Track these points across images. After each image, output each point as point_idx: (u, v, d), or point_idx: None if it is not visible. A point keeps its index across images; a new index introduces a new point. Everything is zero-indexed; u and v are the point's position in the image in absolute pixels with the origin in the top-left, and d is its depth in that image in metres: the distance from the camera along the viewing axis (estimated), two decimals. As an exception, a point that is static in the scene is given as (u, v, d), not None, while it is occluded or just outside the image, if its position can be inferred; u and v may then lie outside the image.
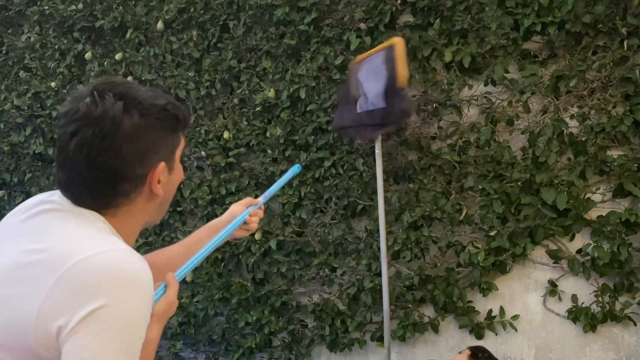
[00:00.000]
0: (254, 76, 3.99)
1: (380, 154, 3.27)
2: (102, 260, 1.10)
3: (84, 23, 4.56)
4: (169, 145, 1.27)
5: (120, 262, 1.11)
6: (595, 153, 3.17)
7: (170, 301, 1.21)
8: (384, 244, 3.29)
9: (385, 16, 3.57)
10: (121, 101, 1.19)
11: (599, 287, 3.21)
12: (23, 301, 1.10)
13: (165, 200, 1.33)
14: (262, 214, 1.79)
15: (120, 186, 1.22)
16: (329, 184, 3.76)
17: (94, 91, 1.19)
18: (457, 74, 3.43)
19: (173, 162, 1.30)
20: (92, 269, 1.09)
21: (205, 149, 4.16)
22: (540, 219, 3.26)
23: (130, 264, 1.12)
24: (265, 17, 3.92)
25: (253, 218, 1.73)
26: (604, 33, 3.16)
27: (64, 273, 1.09)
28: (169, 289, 1.23)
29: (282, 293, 3.97)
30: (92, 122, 1.17)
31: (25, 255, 1.16)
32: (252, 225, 1.74)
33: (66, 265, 1.10)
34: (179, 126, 1.29)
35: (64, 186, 1.24)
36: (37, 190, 4.77)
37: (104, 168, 1.18)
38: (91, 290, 1.07)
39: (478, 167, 3.38)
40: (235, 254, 4.10)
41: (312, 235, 3.87)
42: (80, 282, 1.08)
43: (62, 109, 1.22)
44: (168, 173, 1.29)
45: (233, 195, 4.04)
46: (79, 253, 1.10)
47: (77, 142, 1.17)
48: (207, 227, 1.72)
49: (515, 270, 3.44)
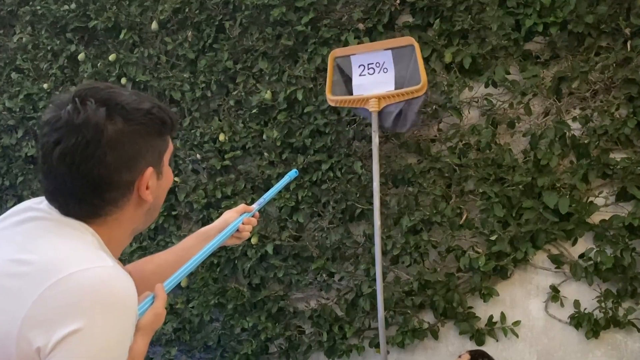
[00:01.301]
0: (250, 77, 3.99)
1: (377, 155, 3.26)
2: (86, 278, 1.09)
3: (77, 23, 4.55)
4: (155, 150, 1.26)
5: (103, 281, 1.10)
6: (598, 156, 3.16)
7: (158, 313, 1.20)
8: (379, 247, 3.26)
9: (384, 16, 3.56)
10: (104, 107, 1.17)
11: (602, 292, 3.20)
12: (6, 314, 1.09)
13: (155, 206, 1.31)
14: (256, 221, 1.77)
15: (107, 194, 1.21)
16: (327, 188, 3.75)
17: (76, 98, 1.18)
18: (457, 75, 3.42)
19: (161, 167, 1.29)
20: (75, 287, 1.08)
21: (201, 151, 4.15)
22: (542, 223, 3.25)
23: (114, 282, 1.11)
24: (262, 17, 3.91)
25: (246, 226, 1.72)
26: (607, 33, 3.15)
27: (47, 289, 1.08)
28: (156, 300, 1.21)
29: (279, 298, 3.97)
30: (74, 130, 1.16)
31: (11, 265, 1.15)
32: (245, 234, 1.72)
33: (51, 281, 1.08)
34: (165, 130, 1.27)
35: (50, 196, 1.23)
36: (29, 194, 4.76)
37: (89, 176, 1.17)
38: (72, 309, 1.06)
39: (478, 170, 3.37)
40: (231, 258, 4.09)
41: (310, 239, 3.86)
42: (62, 300, 1.07)
43: (44, 116, 1.21)
44: (157, 178, 1.27)
45: (229, 198, 4.04)
46: (64, 269, 1.09)
47: (61, 151, 1.16)
48: (198, 234, 1.71)
49: (517, 276, 3.43)
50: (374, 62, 3.29)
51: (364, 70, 3.31)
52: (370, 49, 3.30)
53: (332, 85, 3.39)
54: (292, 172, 1.94)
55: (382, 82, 3.25)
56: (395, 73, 3.24)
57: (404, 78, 3.22)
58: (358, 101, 3.30)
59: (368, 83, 3.29)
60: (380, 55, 3.26)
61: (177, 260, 1.54)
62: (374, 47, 3.30)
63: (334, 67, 3.39)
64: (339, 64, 3.38)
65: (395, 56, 3.24)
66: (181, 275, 1.36)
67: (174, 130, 1.29)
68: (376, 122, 3.25)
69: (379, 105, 3.23)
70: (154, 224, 4.26)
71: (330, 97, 3.39)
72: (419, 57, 3.16)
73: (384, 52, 3.26)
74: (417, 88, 3.16)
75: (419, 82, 3.16)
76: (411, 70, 3.20)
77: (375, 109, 3.24)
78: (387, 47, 3.26)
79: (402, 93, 3.19)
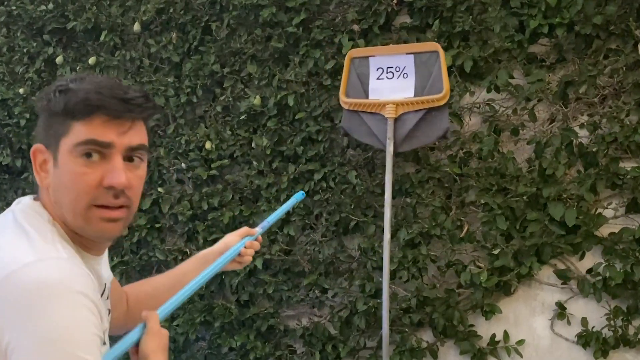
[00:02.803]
0: (239, 82, 3.98)
1: (391, 164, 3.26)
2: (28, 274, 1.12)
3: (55, 25, 4.52)
4: (51, 130, 1.28)
5: (45, 275, 1.13)
6: (607, 165, 3.14)
7: (155, 333, 1.26)
8: (387, 259, 3.24)
9: (380, 17, 3.56)
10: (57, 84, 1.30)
11: (611, 309, 3.18)
12: None
13: (58, 200, 1.28)
14: (259, 245, 1.78)
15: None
16: (320, 199, 3.73)
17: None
18: (458, 79, 3.41)
19: (57, 152, 1.27)
20: (18, 284, 1.12)
21: (186, 160, 4.13)
22: (548, 236, 3.24)
23: (54, 273, 1.13)
24: (251, 18, 3.91)
25: (248, 250, 1.72)
26: (616, 35, 3.13)
27: None
28: (148, 322, 1.28)
29: (269, 316, 3.93)
30: None
31: None
32: (247, 258, 1.73)
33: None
34: (66, 113, 1.25)
35: None
36: (4, 205, 4.72)
37: None
38: (18, 306, 1.10)
39: (480, 180, 3.36)
40: (217, 274, 4.00)
41: (301, 253, 3.83)
42: (7, 297, 1.11)
43: None
44: (53, 164, 1.28)
45: (216, 210, 4.01)
46: (10, 265, 1.14)
47: None
48: (197, 257, 1.71)
49: (521, 292, 3.41)
50: (394, 65, 3.29)
51: (382, 73, 3.32)
52: (391, 52, 3.31)
53: (347, 87, 3.39)
54: (299, 194, 1.98)
55: (401, 87, 3.26)
56: (415, 79, 3.25)
57: (424, 85, 3.23)
58: (374, 106, 3.29)
59: (386, 88, 3.30)
60: (401, 59, 3.27)
61: (174, 285, 1.55)
62: (395, 50, 3.31)
63: (350, 68, 3.39)
64: (355, 65, 3.39)
65: (418, 61, 3.24)
66: (177, 303, 1.38)
67: (74, 115, 1.25)
68: (392, 130, 3.24)
69: (396, 112, 3.23)
70: (136, 237, 4.21)
71: (344, 99, 3.39)
72: (443, 65, 3.17)
73: (405, 57, 3.26)
74: (438, 97, 3.16)
75: (441, 91, 3.16)
76: (434, 77, 3.20)
77: (392, 116, 3.23)
78: (410, 51, 3.27)
79: (422, 101, 3.19)
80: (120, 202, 1.26)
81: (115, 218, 1.27)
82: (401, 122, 3.26)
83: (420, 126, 3.24)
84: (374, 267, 3.55)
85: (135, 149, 1.28)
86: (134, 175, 1.29)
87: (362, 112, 3.37)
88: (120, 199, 1.26)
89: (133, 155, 1.28)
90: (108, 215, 1.26)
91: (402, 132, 3.27)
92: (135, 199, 1.30)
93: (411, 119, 3.24)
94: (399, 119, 3.25)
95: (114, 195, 1.25)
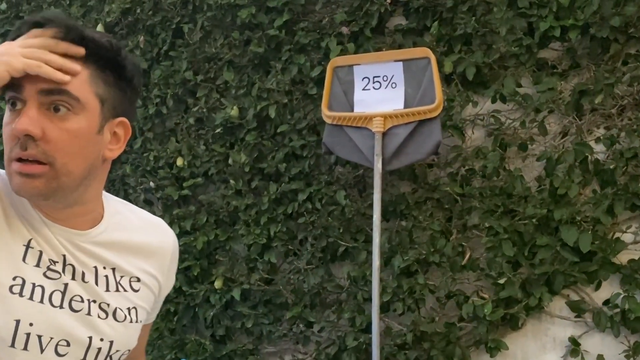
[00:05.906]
0: (214, 91, 3.98)
1: (380, 183, 3.24)
2: None
3: (8, 27, 4.57)
4: None
5: None
6: (626, 184, 3.10)
7: None
8: (377, 289, 3.19)
9: (372, 18, 3.56)
10: None
11: (630, 345, 3.11)
12: None
13: None
14: None
15: None
16: (305, 222, 3.70)
17: None
18: (459, 88, 3.39)
19: None
20: None
21: (155, 178, 4.13)
22: (560, 263, 3.18)
23: None
24: (227, 20, 3.92)
25: None
26: (636, 39, 3.11)
27: None
28: None
29: (248, 353, 3.89)
30: None
31: None
32: None
33: None
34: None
35: None
36: None
37: None
38: None
39: (484, 201, 3.32)
40: (190, 305, 4.03)
41: (284, 283, 3.78)
42: None
43: None
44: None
45: (188, 234, 3.98)
46: None
47: None
48: None
49: (529, 326, 3.36)
50: (381, 74, 3.27)
51: (368, 83, 3.30)
52: (378, 60, 3.31)
53: (330, 99, 3.38)
54: None
55: (389, 98, 3.24)
56: (405, 89, 3.25)
57: (415, 95, 3.23)
58: (359, 119, 3.29)
59: (373, 99, 3.31)
60: (389, 67, 3.26)
61: None
62: (382, 58, 3.32)
63: (332, 79, 3.39)
64: (338, 75, 3.39)
65: (407, 69, 3.25)
66: None
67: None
68: (380, 146, 3.22)
69: (385, 125, 3.21)
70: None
71: (326, 113, 3.37)
72: (435, 72, 3.17)
73: (394, 64, 3.26)
74: (431, 108, 3.14)
75: (434, 101, 3.14)
76: (425, 86, 3.20)
77: (380, 130, 3.22)
78: (398, 58, 3.27)
79: (412, 112, 3.19)
80: (29, 154, 1.20)
81: (27, 173, 1.21)
82: (390, 136, 3.25)
83: (411, 141, 3.24)
84: (365, 298, 3.49)
85: (50, 93, 1.20)
86: (56, 126, 1.21)
87: (347, 126, 3.36)
88: (30, 151, 1.19)
89: (57, 104, 1.21)
90: (19, 169, 1.21)
91: (391, 148, 3.27)
92: (59, 156, 1.22)
93: (401, 133, 3.24)
94: (387, 133, 3.24)
95: (20, 145, 1.20)
